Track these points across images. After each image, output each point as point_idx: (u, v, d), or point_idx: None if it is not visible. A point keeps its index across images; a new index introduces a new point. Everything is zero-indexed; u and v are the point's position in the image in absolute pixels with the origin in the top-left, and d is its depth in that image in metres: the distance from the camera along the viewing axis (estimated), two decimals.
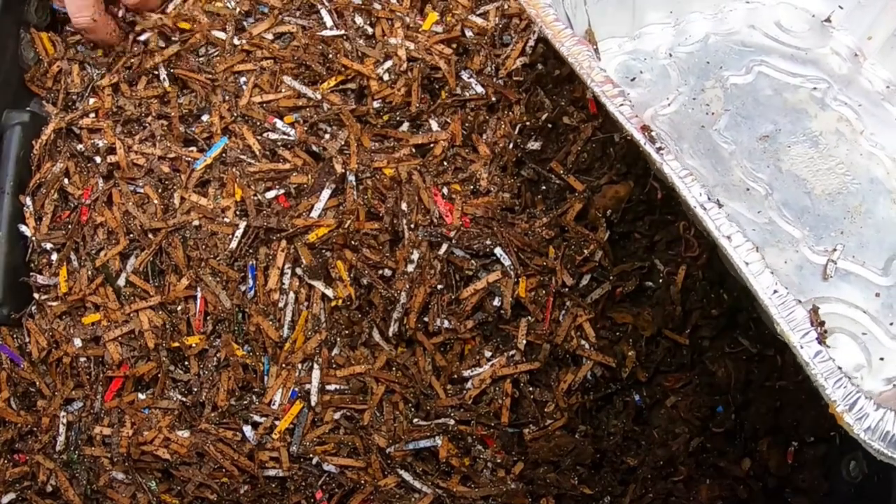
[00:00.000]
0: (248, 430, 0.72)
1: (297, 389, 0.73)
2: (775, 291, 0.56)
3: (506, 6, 0.81)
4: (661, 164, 0.59)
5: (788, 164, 0.74)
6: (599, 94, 0.63)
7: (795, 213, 0.71)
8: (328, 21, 0.79)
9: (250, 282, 0.74)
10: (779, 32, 0.81)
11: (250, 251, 0.74)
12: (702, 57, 0.79)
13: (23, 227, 0.78)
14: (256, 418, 0.73)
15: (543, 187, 0.82)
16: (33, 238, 0.77)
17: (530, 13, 0.68)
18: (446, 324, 0.73)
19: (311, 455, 0.72)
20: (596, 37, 0.75)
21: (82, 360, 0.74)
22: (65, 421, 0.73)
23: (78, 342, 0.74)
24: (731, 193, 0.72)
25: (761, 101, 0.77)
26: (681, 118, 0.75)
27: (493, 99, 0.79)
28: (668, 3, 0.80)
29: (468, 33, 0.80)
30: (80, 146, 0.78)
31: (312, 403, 0.73)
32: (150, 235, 0.75)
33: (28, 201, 0.78)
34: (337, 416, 0.73)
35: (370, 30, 0.79)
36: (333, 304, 0.74)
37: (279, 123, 0.77)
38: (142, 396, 0.74)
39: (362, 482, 0.72)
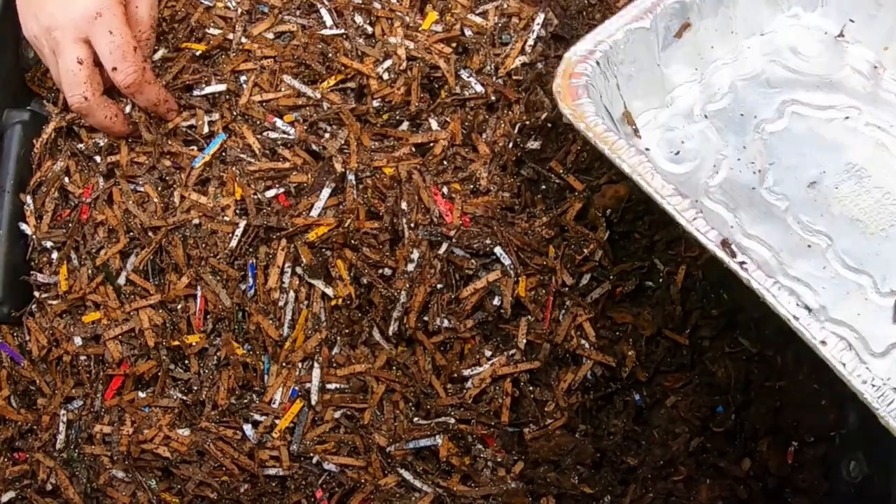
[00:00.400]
0: (248, 428, 0.72)
1: (297, 388, 0.73)
2: (873, 385, 0.57)
3: (505, 5, 0.81)
4: (749, 281, 0.60)
5: (839, 207, 0.72)
6: (673, 213, 0.63)
7: (857, 258, 0.70)
8: (328, 20, 0.79)
9: (250, 280, 0.74)
10: (798, 62, 0.80)
11: (250, 250, 0.75)
12: (735, 110, 0.78)
13: (23, 226, 0.78)
14: (257, 417, 0.73)
15: (543, 187, 0.82)
16: (34, 236, 0.78)
17: (579, 127, 0.68)
18: (446, 323, 0.73)
19: (311, 454, 0.72)
20: (633, 116, 0.75)
21: (82, 358, 0.74)
22: (65, 419, 0.73)
23: (78, 340, 0.74)
24: (795, 254, 0.70)
25: (800, 145, 0.75)
26: (731, 185, 0.74)
27: (493, 98, 0.79)
28: (692, 60, 0.79)
29: (467, 32, 0.80)
30: (80, 145, 0.78)
31: (313, 402, 0.73)
32: (151, 234, 0.75)
33: (29, 200, 0.78)
34: (337, 415, 0.73)
35: (370, 29, 0.79)
36: (333, 303, 0.74)
37: (279, 122, 0.77)
38: (142, 395, 0.74)
39: (362, 481, 0.72)
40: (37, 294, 0.77)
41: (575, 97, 0.70)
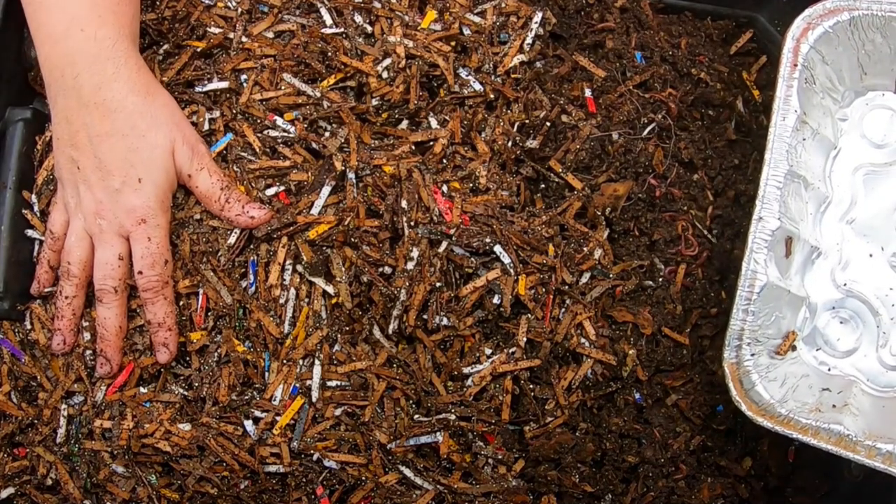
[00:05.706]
0: (248, 424, 0.72)
1: (297, 385, 0.73)
2: None
3: (503, 4, 0.81)
4: None
5: None
6: None
7: None
8: (327, 19, 0.79)
9: (251, 278, 0.74)
10: None
11: (251, 247, 0.75)
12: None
13: (26, 222, 0.78)
14: (257, 413, 0.73)
15: (542, 185, 0.82)
16: (38, 234, 0.78)
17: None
18: (445, 321, 0.73)
19: (311, 451, 0.72)
20: None
21: (87, 353, 0.74)
22: (65, 414, 0.73)
23: (87, 335, 0.74)
24: None
25: None
26: None
27: (492, 97, 0.79)
28: None
29: (466, 31, 0.80)
30: None
31: (313, 399, 0.73)
32: None
33: (34, 198, 0.78)
34: (338, 412, 0.74)
35: (369, 28, 0.79)
36: (334, 300, 0.74)
37: (279, 121, 0.77)
38: (143, 390, 0.74)
39: (363, 478, 0.72)
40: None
41: None
